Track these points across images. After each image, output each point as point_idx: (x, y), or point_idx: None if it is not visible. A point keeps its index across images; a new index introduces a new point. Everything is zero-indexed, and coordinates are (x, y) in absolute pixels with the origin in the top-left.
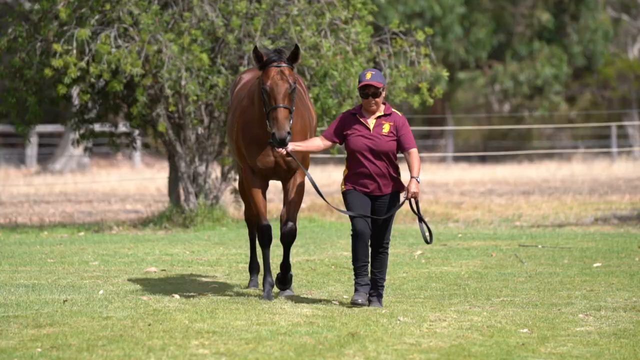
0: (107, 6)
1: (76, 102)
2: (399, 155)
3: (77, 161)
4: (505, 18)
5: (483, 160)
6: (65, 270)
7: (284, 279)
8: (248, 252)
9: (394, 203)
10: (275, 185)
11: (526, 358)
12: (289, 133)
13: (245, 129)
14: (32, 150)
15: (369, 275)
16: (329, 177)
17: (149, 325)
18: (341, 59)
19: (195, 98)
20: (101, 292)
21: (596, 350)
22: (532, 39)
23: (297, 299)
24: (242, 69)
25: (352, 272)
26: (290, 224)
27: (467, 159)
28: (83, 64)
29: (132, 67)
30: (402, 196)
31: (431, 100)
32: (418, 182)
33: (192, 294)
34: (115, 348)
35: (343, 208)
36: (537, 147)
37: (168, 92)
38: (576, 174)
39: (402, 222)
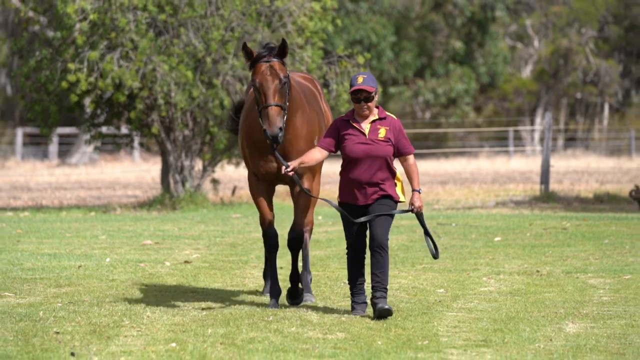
0: (113, 34)
1: (88, 110)
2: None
3: (89, 156)
4: (427, 45)
5: None
6: (80, 242)
7: (294, 293)
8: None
9: (386, 204)
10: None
11: (442, 312)
12: (280, 129)
13: (248, 133)
14: (53, 147)
15: (365, 293)
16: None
17: (145, 286)
18: None
19: (182, 107)
20: (108, 259)
21: (496, 305)
22: (447, 62)
23: (261, 267)
24: (216, 82)
25: (349, 290)
26: (297, 229)
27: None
28: (92, 79)
29: (131, 82)
30: (407, 208)
31: None
32: (420, 193)
33: (179, 262)
34: (119, 304)
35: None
36: (451, 146)
37: (160, 101)
38: (482, 167)
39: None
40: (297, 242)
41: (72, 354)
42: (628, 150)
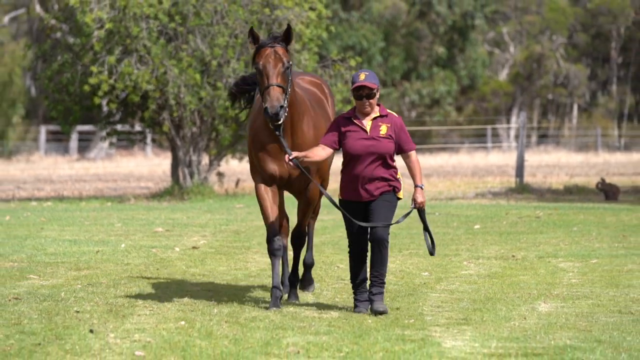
0: (128, 40)
1: (105, 109)
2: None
3: (106, 152)
4: (413, 50)
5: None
6: (97, 230)
7: (292, 284)
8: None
9: (388, 200)
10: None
11: (427, 293)
12: (281, 107)
13: (256, 136)
14: (73, 143)
15: (367, 290)
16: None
17: (157, 269)
18: None
19: (191, 107)
20: (123, 245)
21: (475, 287)
22: (431, 65)
23: (262, 252)
24: (219, 84)
25: (351, 288)
26: (299, 229)
27: None
28: (112, 81)
29: (146, 85)
30: (410, 206)
31: None
32: (422, 189)
33: (188, 247)
34: (133, 286)
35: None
36: (435, 142)
37: (172, 102)
38: (462, 162)
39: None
40: (295, 238)
41: (91, 331)
42: (595, 146)
